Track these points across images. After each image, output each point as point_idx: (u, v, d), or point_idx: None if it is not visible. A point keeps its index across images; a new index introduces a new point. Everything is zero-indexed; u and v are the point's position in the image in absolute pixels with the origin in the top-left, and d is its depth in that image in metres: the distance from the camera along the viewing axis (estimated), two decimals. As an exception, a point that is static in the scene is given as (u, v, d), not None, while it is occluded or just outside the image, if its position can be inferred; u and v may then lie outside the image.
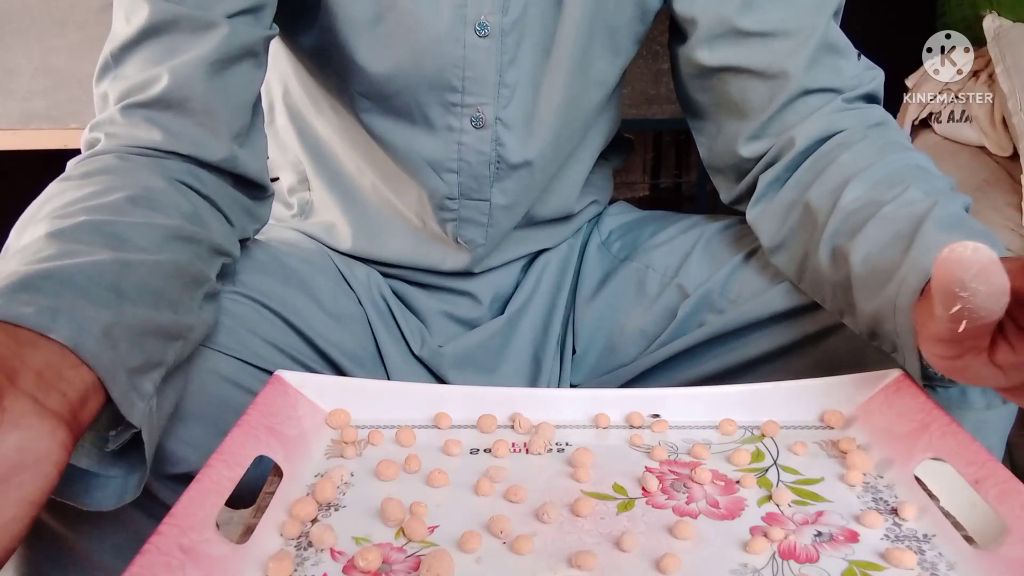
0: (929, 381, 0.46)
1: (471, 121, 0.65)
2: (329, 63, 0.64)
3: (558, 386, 0.72)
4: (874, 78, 0.64)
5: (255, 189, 0.60)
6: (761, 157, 0.63)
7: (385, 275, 0.74)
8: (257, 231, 0.63)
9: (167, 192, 0.51)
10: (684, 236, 0.71)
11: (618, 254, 0.75)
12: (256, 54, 0.58)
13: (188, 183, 0.53)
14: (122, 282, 0.42)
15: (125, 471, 0.42)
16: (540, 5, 0.63)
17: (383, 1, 0.60)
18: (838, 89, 0.62)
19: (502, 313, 0.73)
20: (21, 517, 0.32)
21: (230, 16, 0.55)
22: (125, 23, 0.56)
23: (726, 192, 0.69)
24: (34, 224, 0.46)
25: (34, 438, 0.33)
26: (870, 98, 0.63)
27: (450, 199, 0.68)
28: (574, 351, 0.73)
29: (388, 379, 0.68)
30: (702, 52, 0.64)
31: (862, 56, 0.64)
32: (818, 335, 0.59)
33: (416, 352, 0.71)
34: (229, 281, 0.58)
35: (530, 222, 0.73)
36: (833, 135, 0.60)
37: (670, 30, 0.68)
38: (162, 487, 0.51)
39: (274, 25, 0.60)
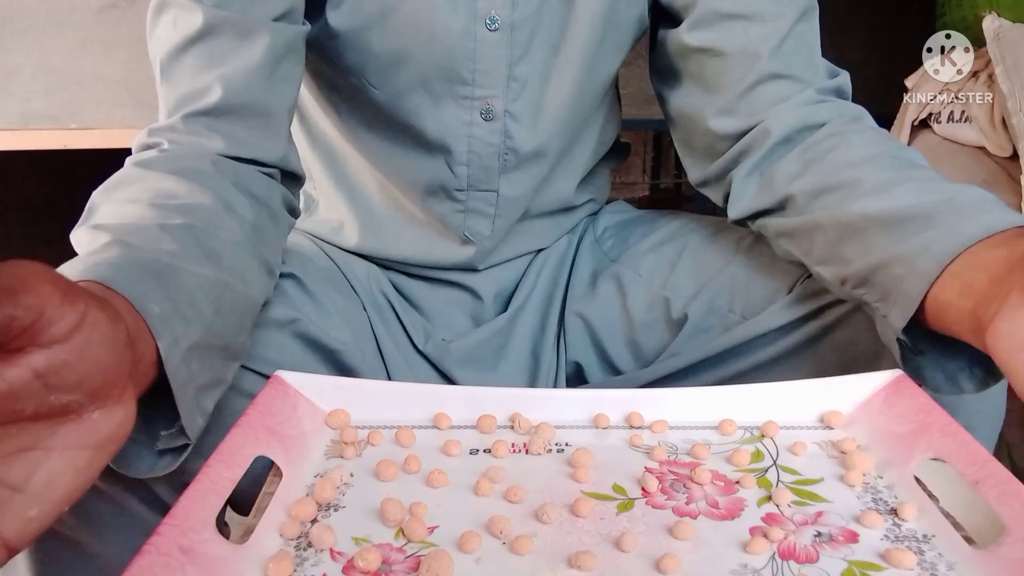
0: (906, 334, 0.47)
1: (481, 113, 0.65)
2: (338, 56, 0.65)
3: (555, 382, 0.72)
4: (843, 75, 0.65)
5: (295, 182, 0.63)
6: (732, 137, 0.63)
7: (386, 267, 0.74)
8: (295, 223, 0.65)
9: (243, 203, 0.54)
10: (670, 244, 0.71)
11: (609, 253, 0.75)
12: (298, 50, 0.60)
13: (253, 191, 0.56)
14: (222, 301, 0.46)
15: (159, 458, 0.44)
16: (554, 1, 0.64)
17: None
18: (809, 81, 0.62)
19: (505, 310, 0.74)
20: (93, 479, 0.34)
21: (274, 19, 0.57)
22: (172, 28, 0.57)
23: (696, 172, 0.69)
24: (129, 204, 0.49)
25: (128, 420, 0.35)
26: (841, 94, 0.64)
27: (459, 190, 0.69)
28: (566, 359, 0.74)
29: (388, 376, 0.68)
30: (686, 34, 0.64)
31: (829, 63, 0.65)
32: (804, 344, 0.59)
33: (420, 347, 0.71)
34: None
35: (528, 214, 0.74)
36: (813, 126, 0.60)
37: (656, 16, 0.69)
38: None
39: (306, 21, 0.61)
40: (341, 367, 0.63)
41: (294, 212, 0.63)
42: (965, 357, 0.47)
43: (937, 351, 0.48)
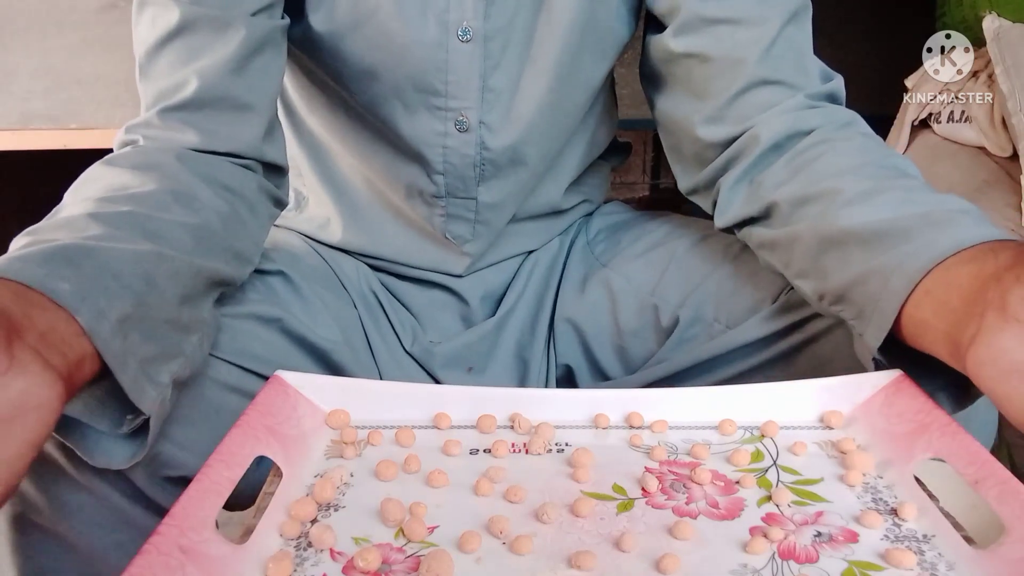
0: (882, 354, 0.47)
1: (455, 124, 0.65)
2: (317, 61, 0.65)
3: (546, 386, 0.72)
4: (837, 79, 0.63)
5: (278, 173, 0.63)
6: (721, 145, 0.63)
7: (375, 268, 0.74)
8: (280, 212, 0.65)
9: (207, 194, 0.54)
10: (659, 250, 0.71)
11: (600, 257, 0.75)
12: (276, 43, 0.60)
13: (226, 182, 0.56)
14: (155, 273, 0.45)
15: (137, 445, 0.44)
16: (527, 11, 0.63)
17: (365, 4, 0.61)
18: (799, 86, 0.61)
19: (494, 313, 0.74)
20: (24, 455, 0.34)
21: (252, 14, 0.57)
22: (151, 26, 0.58)
23: (685, 180, 0.68)
24: (80, 203, 0.49)
25: (38, 385, 0.35)
26: (833, 99, 0.63)
27: (437, 197, 0.69)
28: (556, 362, 0.73)
29: (379, 375, 0.68)
30: (671, 40, 0.63)
31: (823, 65, 0.64)
32: (784, 355, 0.59)
33: (407, 348, 0.71)
34: None
35: (514, 218, 0.73)
36: (802, 133, 0.59)
37: (645, 21, 0.68)
38: (159, 490, 0.51)
39: (285, 15, 0.61)
40: (331, 365, 0.64)
41: (279, 203, 0.64)
42: (942, 377, 0.46)
43: (912, 371, 0.47)
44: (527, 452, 0.46)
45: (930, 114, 1.37)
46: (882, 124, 0.63)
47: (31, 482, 0.49)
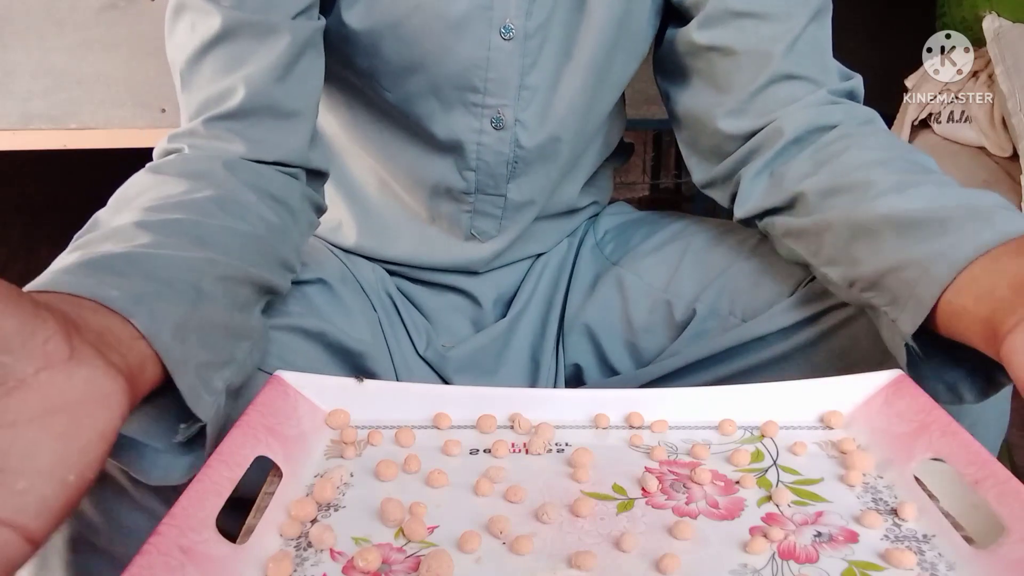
0: (915, 339, 0.47)
1: (491, 122, 0.65)
2: (350, 58, 0.64)
3: (555, 385, 0.72)
4: (856, 78, 0.64)
5: (319, 179, 0.63)
6: (742, 138, 0.63)
7: (390, 273, 0.74)
8: (319, 219, 0.65)
9: (254, 202, 0.53)
10: (672, 246, 0.71)
11: (610, 256, 0.75)
12: (316, 45, 0.59)
13: (273, 192, 0.55)
14: (204, 279, 0.44)
15: (194, 456, 0.43)
16: (565, 10, 0.63)
17: (406, 1, 0.60)
18: (821, 82, 0.62)
19: (504, 314, 0.74)
20: (96, 446, 0.32)
21: (293, 17, 0.57)
22: (190, 32, 0.56)
23: (701, 173, 0.68)
24: (126, 211, 0.48)
25: (101, 376, 0.33)
26: (853, 96, 0.63)
27: (466, 193, 0.69)
28: (565, 362, 0.73)
29: (396, 377, 0.68)
30: (696, 32, 0.64)
31: (841, 65, 0.65)
32: (801, 348, 0.59)
33: (420, 352, 0.71)
34: None
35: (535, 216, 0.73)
36: (825, 127, 0.60)
37: (665, 16, 0.69)
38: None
39: (321, 16, 0.60)
40: (364, 371, 0.64)
41: (319, 209, 0.63)
42: (966, 365, 0.47)
43: (941, 358, 0.47)
44: (527, 452, 0.46)
45: (930, 114, 1.37)
46: (882, 124, 0.63)
47: (90, 502, 0.48)
